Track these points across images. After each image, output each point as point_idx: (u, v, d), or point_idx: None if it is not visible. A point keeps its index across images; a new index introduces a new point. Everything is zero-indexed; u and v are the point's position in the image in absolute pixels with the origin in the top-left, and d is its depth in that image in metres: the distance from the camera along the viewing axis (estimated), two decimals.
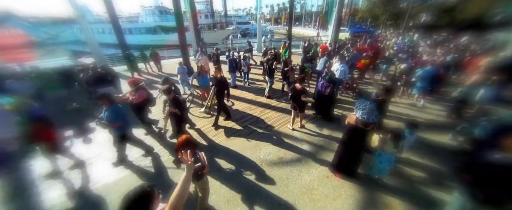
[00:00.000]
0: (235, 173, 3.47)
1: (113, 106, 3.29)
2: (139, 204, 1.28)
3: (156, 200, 1.37)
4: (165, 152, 4.08)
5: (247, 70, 8.00)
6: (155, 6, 28.25)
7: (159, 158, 3.92)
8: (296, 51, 14.84)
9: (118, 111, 3.30)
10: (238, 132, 4.75)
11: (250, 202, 2.92)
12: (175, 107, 3.58)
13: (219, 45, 17.69)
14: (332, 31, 14.64)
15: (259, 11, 15.10)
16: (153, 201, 1.34)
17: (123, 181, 3.36)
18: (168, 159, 3.86)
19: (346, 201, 2.92)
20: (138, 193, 1.29)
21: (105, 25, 25.42)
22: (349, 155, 3.09)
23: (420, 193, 3.03)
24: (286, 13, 62.74)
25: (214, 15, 34.46)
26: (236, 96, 6.93)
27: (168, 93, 3.63)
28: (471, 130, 3.26)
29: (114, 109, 3.27)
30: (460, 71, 7.18)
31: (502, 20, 16.99)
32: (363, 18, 36.69)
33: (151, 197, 1.33)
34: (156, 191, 1.39)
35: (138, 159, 3.88)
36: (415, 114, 5.40)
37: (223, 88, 4.60)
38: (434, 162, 3.62)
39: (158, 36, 24.72)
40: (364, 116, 2.59)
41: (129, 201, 1.25)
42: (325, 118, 5.08)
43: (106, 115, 3.25)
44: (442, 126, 4.80)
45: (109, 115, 3.24)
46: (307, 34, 32.22)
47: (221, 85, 4.59)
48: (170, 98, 3.63)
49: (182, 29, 9.01)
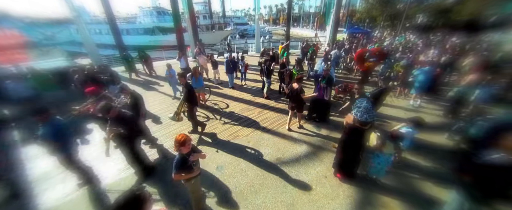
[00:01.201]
0: (234, 174, 3.46)
1: (52, 121, 2.71)
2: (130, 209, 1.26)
3: (148, 203, 1.35)
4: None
5: (244, 71, 8.01)
6: (153, 7, 28.18)
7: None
8: (295, 52, 14.89)
9: (58, 128, 2.73)
10: (237, 132, 4.74)
11: (248, 203, 2.91)
12: (119, 125, 2.87)
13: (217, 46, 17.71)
14: (330, 32, 14.75)
15: (257, 12, 15.13)
16: (145, 205, 1.32)
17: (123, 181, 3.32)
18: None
19: (344, 201, 2.93)
20: (128, 198, 1.26)
21: (102, 26, 25.24)
22: (348, 156, 3.10)
23: (418, 192, 3.05)
24: (284, 14, 63.02)
25: (212, 16, 34.46)
26: (234, 97, 6.92)
27: (106, 112, 2.87)
28: (468, 129, 3.29)
29: (52, 124, 2.69)
30: (456, 71, 7.27)
31: (496, 21, 17.26)
32: (360, 19, 36.97)
33: (142, 201, 1.30)
34: (146, 194, 1.35)
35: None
36: (412, 114, 5.44)
37: (190, 99, 4.15)
38: (431, 162, 3.65)
39: (156, 37, 24.62)
40: (360, 115, 2.61)
41: (119, 207, 1.22)
42: (321, 120, 5.07)
43: (43, 132, 2.65)
44: (439, 125, 4.84)
45: (47, 132, 2.64)
46: (305, 35, 32.36)
47: (187, 94, 4.10)
48: (112, 116, 2.89)
49: (180, 30, 9.01)
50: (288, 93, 4.60)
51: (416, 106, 5.90)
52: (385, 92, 4.36)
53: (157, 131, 4.84)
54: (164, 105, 6.35)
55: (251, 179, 3.34)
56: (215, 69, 8.23)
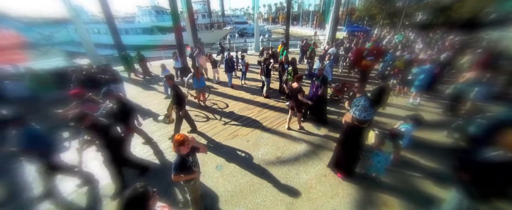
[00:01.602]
0: (233, 173, 3.46)
1: (26, 128, 2.58)
2: (135, 207, 1.25)
3: (152, 200, 1.34)
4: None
5: (245, 70, 7.99)
6: (151, 6, 28.08)
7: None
8: (294, 50, 14.86)
9: (34, 134, 2.60)
10: (236, 131, 4.74)
11: (248, 202, 2.92)
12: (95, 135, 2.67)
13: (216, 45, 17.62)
14: (329, 30, 14.72)
15: (256, 10, 15.10)
16: (149, 202, 1.31)
17: None
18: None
19: (343, 200, 2.93)
20: (132, 195, 1.25)
21: (100, 25, 25.10)
22: (347, 154, 3.10)
23: (417, 191, 3.06)
24: (284, 13, 62.82)
25: (211, 15, 34.37)
26: (233, 96, 6.92)
27: (79, 121, 2.61)
28: (466, 127, 3.30)
29: (27, 131, 2.57)
30: (455, 69, 7.27)
31: (495, 19, 17.27)
32: (360, 17, 36.92)
33: (146, 198, 1.29)
34: (150, 190, 1.34)
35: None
36: (411, 112, 5.44)
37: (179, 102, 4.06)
38: (431, 160, 3.65)
39: (155, 37, 24.53)
40: (359, 113, 2.61)
41: (123, 205, 1.22)
42: (319, 120, 5.02)
43: (18, 140, 2.52)
44: (438, 123, 4.85)
45: (22, 140, 2.51)
46: (304, 34, 32.31)
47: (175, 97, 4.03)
48: (86, 125, 2.63)
49: (179, 29, 8.95)
50: (287, 93, 4.59)
51: (416, 104, 5.90)
52: (386, 91, 4.34)
53: (156, 130, 4.84)
54: (162, 104, 6.34)
55: (251, 177, 3.34)
56: (214, 68, 8.22)
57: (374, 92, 4.30)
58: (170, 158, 3.86)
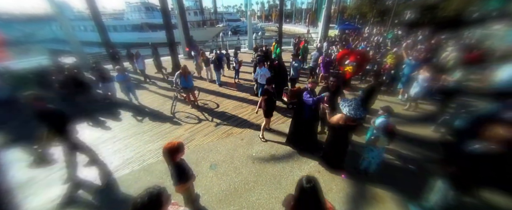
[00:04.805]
0: (227, 172, 3.43)
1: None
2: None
3: (166, 203, 1.30)
4: None
5: (238, 68, 7.92)
6: (140, 3, 27.20)
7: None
8: (287, 48, 14.90)
9: None
10: (230, 130, 4.70)
11: (243, 200, 2.91)
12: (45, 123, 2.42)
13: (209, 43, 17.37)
14: (322, 28, 14.85)
15: (249, 8, 14.96)
16: (163, 205, 1.27)
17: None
18: None
19: (337, 195, 2.99)
20: (147, 199, 1.20)
21: (87, 22, 24.09)
22: (335, 151, 3.18)
23: (407, 184, 3.15)
24: (277, 10, 62.74)
25: (203, 12, 33.74)
26: (227, 94, 6.84)
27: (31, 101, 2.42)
28: (453, 121, 3.43)
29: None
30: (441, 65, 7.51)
31: (478, 17, 18.04)
32: (351, 15, 37.50)
33: (160, 202, 1.26)
34: (164, 193, 1.30)
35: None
36: (399, 108, 5.60)
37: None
38: (418, 154, 3.78)
39: (145, 34, 23.85)
40: (351, 112, 2.66)
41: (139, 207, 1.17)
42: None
43: None
44: (425, 118, 5.02)
45: None
46: (297, 31, 32.42)
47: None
48: (37, 108, 2.43)
49: (169, 26, 8.73)
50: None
51: (404, 100, 6.07)
52: (376, 90, 4.41)
53: (148, 130, 4.72)
54: (155, 103, 6.18)
55: (245, 176, 3.33)
56: (207, 66, 8.09)
57: (365, 91, 4.37)
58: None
